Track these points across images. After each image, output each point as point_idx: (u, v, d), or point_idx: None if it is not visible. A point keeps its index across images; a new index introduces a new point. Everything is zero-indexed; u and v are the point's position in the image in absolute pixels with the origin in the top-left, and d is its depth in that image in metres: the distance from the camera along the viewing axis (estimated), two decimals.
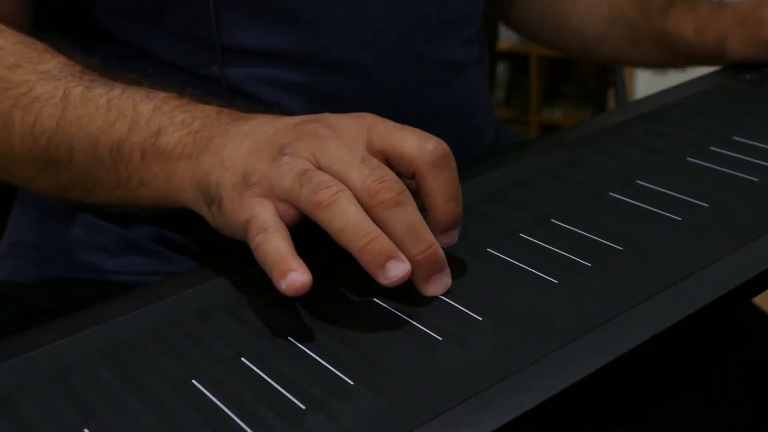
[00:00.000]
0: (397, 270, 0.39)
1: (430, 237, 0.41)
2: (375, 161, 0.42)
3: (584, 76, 2.74)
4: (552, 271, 0.43)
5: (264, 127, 0.45)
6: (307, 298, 0.42)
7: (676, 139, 0.59)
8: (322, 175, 0.41)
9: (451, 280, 0.42)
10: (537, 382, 0.35)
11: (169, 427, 0.34)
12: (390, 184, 0.40)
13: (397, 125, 0.44)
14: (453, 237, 0.44)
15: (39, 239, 0.63)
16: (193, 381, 0.37)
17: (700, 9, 0.75)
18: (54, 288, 0.61)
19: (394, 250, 0.39)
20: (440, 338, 0.39)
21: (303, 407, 0.35)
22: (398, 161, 0.43)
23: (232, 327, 0.41)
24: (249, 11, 0.57)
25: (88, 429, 0.34)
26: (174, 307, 0.43)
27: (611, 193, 0.51)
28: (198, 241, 0.60)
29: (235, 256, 0.46)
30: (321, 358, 0.38)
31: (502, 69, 2.71)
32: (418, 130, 0.44)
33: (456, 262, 0.44)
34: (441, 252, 0.42)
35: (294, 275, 0.38)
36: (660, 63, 0.80)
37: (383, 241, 0.39)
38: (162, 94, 0.49)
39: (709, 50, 0.74)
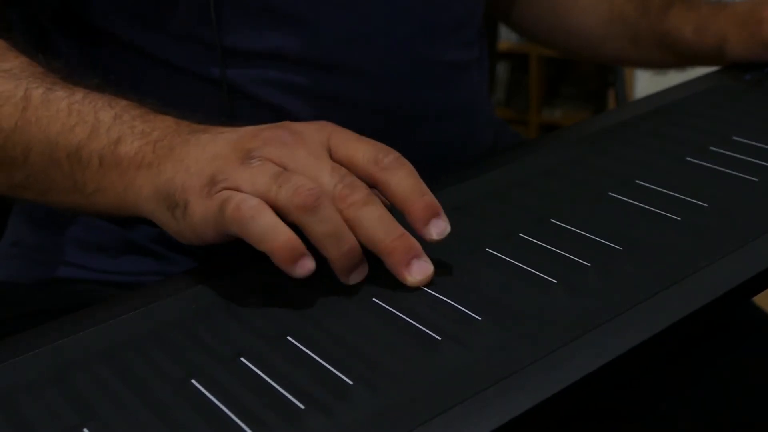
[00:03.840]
0: (360, 275, 0.43)
1: (400, 227, 0.42)
2: (343, 170, 0.43)
3: (584, 76, 2.74)
4: (552, 271, 0.43)
5: (226, 135, 0.45)
6: (306, 298, 0.42)
7: (676, 139, 0.59)
8: (300, 176, 0.42)
9: (432, 267, 0.43)
10: (537, 381, 0.35)
11: (168, 427, 0.34)
12: (359, 188, 0.42)
13: (355, 136, 0.45)
14: (441, 226, 0.43)
15: (39, 239, 0.63)
16: (193, 381, 0.37)
17: (699, 9, 0.75)
18: (54, 288, 0.61)
19: (363, 256, 0.43)
20: (439, 338, 0.39)
21: (302, 407, 0.35)
22: (354, 171, 0.44)
23: (232, 327, 0.41)
24: (250, 13, 0.57)
25: (88, 429, 0.34)
26: (174, 307, 0.43)
27: (611, 193, 0.51)
28: None
29: (234, 256, 0.46)
30: (320, 358, 0.38)
31: (502, 69, 2.71)
32: (373, 142, 0.45)
33: (456, 262, 0.45)
34: (413, 239, 0.43)
35: (307, 261, 0.40)
36: (660, 63, 0.80)
37: (357, 250, 0.42)
38: (123, 103, 0.48)
39: (709, 50, 0.74)
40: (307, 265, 0.40)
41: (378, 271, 0.44)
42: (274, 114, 0.59)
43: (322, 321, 0.41)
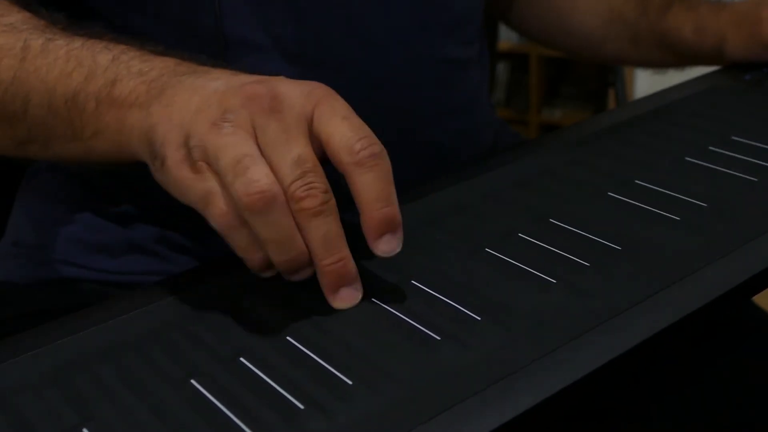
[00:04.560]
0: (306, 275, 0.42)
1: (343, 251, 0.41)
2: (309, 163, 0.40)
3: (584, 76, 2.74)
4: (551, 271, 0.43)
5: (216, 84, 0.43)
6: (306, 298, 0.42)
7: (675, 139, 0.59)
8: (257, 170, 0.40)
9: (360, 295, 0.42)
10: (536, 382, 0.35)
11: (168, 427, 0.34)
12: (316, 193, 0.40)
13: (342, 112, 0.42)
14: (392, 244, 0.41)
15: (39, 239, 0.63)
16: (193, 381, 0.37)
17: (699, 9, 0.75)
18: (54, 288, 0.61)
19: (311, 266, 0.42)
20: (439, 338, 0.39)
21: (302, 407, 0.35)
22: (329, 156, 0.42)
23: (232, 327, 0.41)
24: (249, 3, 0.57)
25: (88, 429, 0.34)
26: (173, 307, 0.43)
27: (611, 193, 0.51)
28: (198, 241, 0.60)
29: (235, 256, 0.46)
30: (320, 358, 0.38)
31: (502, 69, 2.71)
32: (357, 124, 0.42)
33: (456, 262, 0.45)
34: (352, 266, 0.41)
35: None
36: (659, 63, 0.80)
37: (304, 257, 0.41)
38: (122, 45, 0.48)
39: (708, 50, 0.74)
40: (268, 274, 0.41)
41: (377, 271, 0.44)
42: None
43: (322, 321, 0.41)
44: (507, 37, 2.37)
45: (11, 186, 0.67)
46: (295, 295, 0.43)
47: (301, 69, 0.59)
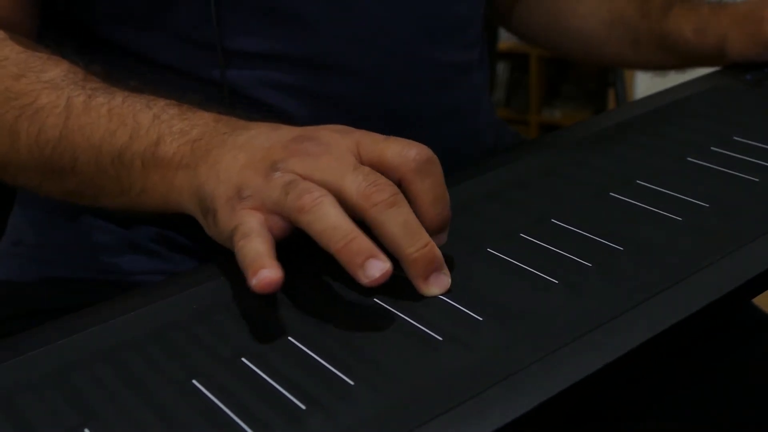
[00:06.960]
0: (375, 269, 0.39)
1: (425, 236, 0.42)
2: (367, 168, 0.42)
3: (584, 76, 2.74)
4: (552, 271, 0.43)
5: (259, 141, 0.45)
6: (307, 299, 0.42)
7: (676, 139, 0.59)
8: (307, 183, 0.42)
9: (450, 280, 0.42)
10: (537, 382, 0.35)
11: (169, 427, 0.34)
12: (383, 187, 0.41)
13: (382, 137, 0.44)
14: (441, 239, 0.44)
15: (40, 239, 0.63)
16: (194, 381, 0.37)
17: (700, 9, 0.75)
18: (54, 288, 0.61)
19: (373, 250, 0.39)
20: (440, 338, 0.39)
21: (303, 407, 0.35)
22: (385, 170, 0.43)
23: (232, 327, 0.41)
24: (251, 13, 0.57)
25: (89, 429, 0.34)
26: (174, 307, 0.43)
27: (611, 193, 0.51)
28: (199, 240, 0.60)
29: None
30: (321, 358, 0.38)
31: (502, 69, 2.71)
32: (401, 139, 0.44)
33: (456, 262, 0.45)
34: (438, 251, 0.42)
35: (265, 272, 0.39)
36: (660, 64, 0.80)
37: (362, 241, 0.40)
38: (162, 103, 0.49)
39: (710, 50, 0.74)
40: (266, 281, 0.39)
41: None
42: (273, 116, 0.59)
43: (324, 321, 0.41)
44: (507, 37, 2.37)
45: (12, 186, 0.67)
46: (296, 296, 0.43)
47: (303, 75, 0.59)
